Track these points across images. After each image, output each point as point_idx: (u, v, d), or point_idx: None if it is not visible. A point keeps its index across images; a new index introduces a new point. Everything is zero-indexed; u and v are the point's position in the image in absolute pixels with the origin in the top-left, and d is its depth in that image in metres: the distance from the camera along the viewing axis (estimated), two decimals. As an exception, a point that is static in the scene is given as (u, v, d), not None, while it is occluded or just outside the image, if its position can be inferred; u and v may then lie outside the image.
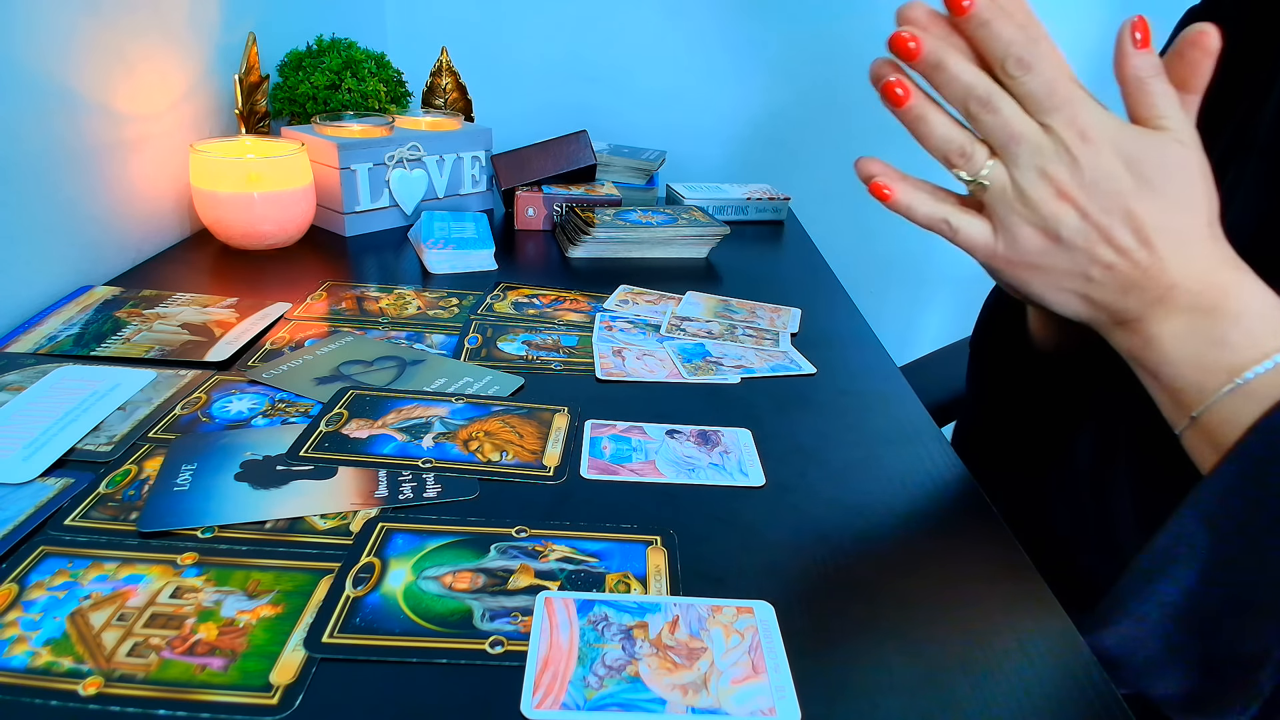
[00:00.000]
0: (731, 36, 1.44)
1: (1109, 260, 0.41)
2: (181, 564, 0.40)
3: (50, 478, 0.46)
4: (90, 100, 0.73)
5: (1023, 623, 0.41)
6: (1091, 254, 0.41)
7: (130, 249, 0.81)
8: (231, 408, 0.55)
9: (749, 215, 1.13)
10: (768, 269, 0.96)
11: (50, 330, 0.64)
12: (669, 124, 1.49)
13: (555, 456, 0.52)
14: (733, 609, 0.39)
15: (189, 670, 0.34)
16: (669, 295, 0.81)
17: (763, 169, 1.51)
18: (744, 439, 0.55)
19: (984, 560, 0.46)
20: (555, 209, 1.00)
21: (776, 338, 0.72)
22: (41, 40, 0.67)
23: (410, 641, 0.36)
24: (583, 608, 0.39)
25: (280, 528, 0.43)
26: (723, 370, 0.63)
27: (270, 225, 0.85)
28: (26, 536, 0.41)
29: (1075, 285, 0.43)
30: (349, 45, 1.05)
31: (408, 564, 0.41)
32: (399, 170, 0.95)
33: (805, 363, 0.67)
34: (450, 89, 1.16)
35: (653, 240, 0.92)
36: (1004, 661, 0.38)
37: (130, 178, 0.80)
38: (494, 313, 0.74)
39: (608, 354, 0.67)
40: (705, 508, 0.48)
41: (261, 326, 0.67)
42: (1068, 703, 0.36)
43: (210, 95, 0.93)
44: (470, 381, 0.61)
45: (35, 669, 0.34)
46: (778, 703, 0.34)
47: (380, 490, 0.47)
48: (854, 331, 0.77)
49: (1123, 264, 0.41)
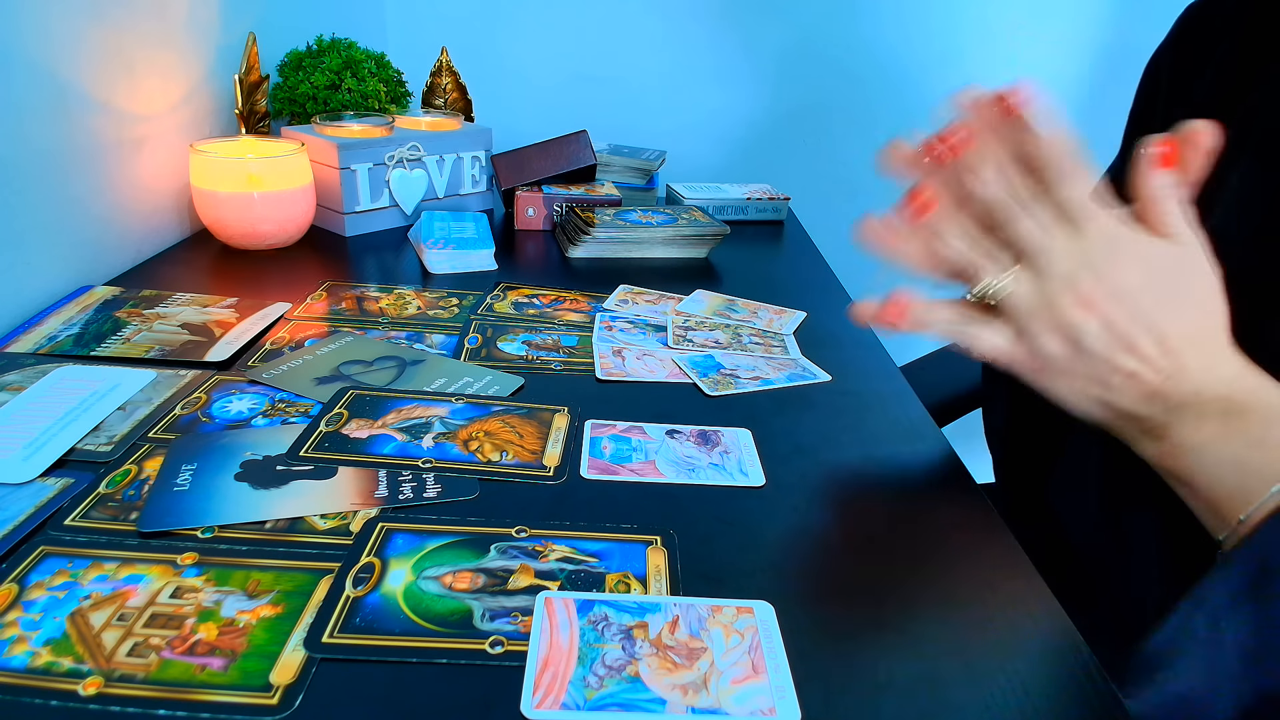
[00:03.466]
0: (732, 36, 1.44)
1: (1131, 368, 0.41)
2: (181, 564, 0.40)
3: (50, 478, 0.46)
4: (90, 100, 0.73)
5: (1023, 623, 0.41)
6: (1113, 362, 0.41)
7: (130, 249, 0.81)
8: (231, 408, 0.55)
9: (749, 215, 1.13)
10: (768, 269, 0.96)
11: (50, 330, 0.64)
12: (669, 124, 1.49)
13: (555, 456, 0.52)
14: (733, 609, 0.39)
15: (189, 670, 0.34)
16: (669, 295, 0.81)
17: (763, 169, 1.51)
18: (744, 439, 0.55)
19: (984, 560, 0.46)
20: (555, 209, 1.00)
21: (783, 343, 0.72)
22: (43, 41, 0.67)
23: (410, 641, 0.36)
24: (583, 608, 0.39)
25: (280, 528, 0.43)
26: (741, 383, 0.63)
27: (270, 225, 0.85)
28: (26, 536, 0.41)
29: (1097, 391, 0.43)
30: (349, 45, 1.05)
31: (408, 564, 0.41)
32: (399, 170, 0.95)
33: (819, 371, 0.66)
34: (450, 89, 1.16)
35: (653, 240, 0.92)
36: (1004, 662, 0.38)
37: (130, 178, 0.80)
38: (494, 313, 0.74)
39: (608, 354, 0.67)
40: (705, 508, 0.48)
41: (261, 326, 0.67)
42: (1068, 703, 0.36)
43: (210, 95, 0.93)
44: (470, 381, 0.61)
45: (35, 669, 0.34)
46: (778, 703, 0.34)
47: (380, 490, 0.47)
48: (854, 332, 0.76)
49: (1145, 371, 0.41)
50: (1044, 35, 1.44)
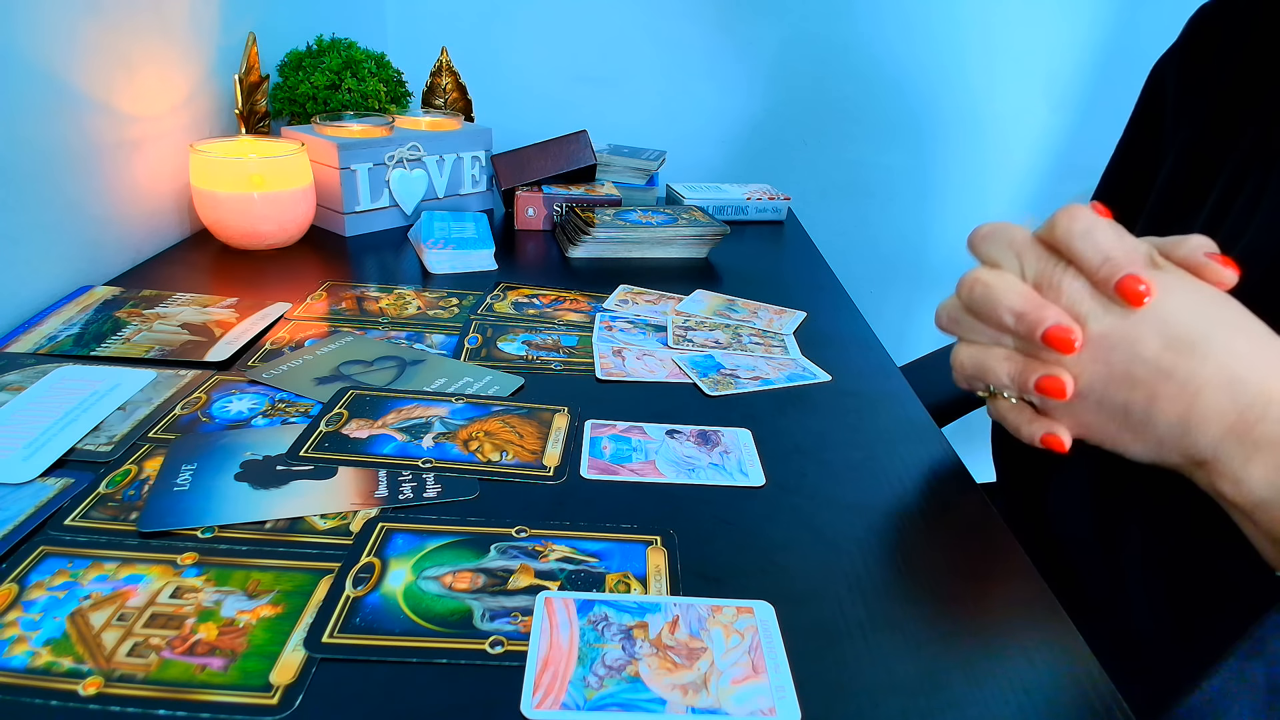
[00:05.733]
0: (732, 36, 1.44)
1: None
2: (181, 564, 0.40)
3: (50, 478, 0.46)
4: (90, 100, 0.73)
5: (1023, 623, 0.41)
6: None
7: (130, 249, 0.81)
8: (231, 408, 0.55)
9: (749, 215, 1.13)
10: (768, 269, 0.96)
11: (50, 330, 0.64)
12: (669, 124, 1.49)
13: (555, 456, 0.52)
14: (733, 609, 0.39)
15: (189, 670, 0.34)
16: (669, 295, 0.81)
17: (763, 169, 1.51)
18: (744, 439, 0.55)
19: (984, 560, 0.46)
20: (555, 209, 1.00)
21: (783, 343, 0.72)
22: (44, 41, 0.67)
23: (410, 641, 0.36)
24: (583, 608, 0.39)
25: (280, 528, 0.43)
26: (741, 383, 0.62)
27: (270, 225, 0.85)
28: (26, 536, 0.41)
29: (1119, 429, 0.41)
30: (349, 45, 1.05)
31: (408, 564, 0.41)
32: (399, 170, 0.95)
33: (819, 371, 0.66)
34: (450, 89, 1.16)
35: (653, 240, 0.92)
36: (1004, 661, 0.38)
37: (130, 178, 0.80)
38: (494, 313, 0.74)
39: (608, 354, 0.67)
40: (705, 508, 0.48)
41: (261, 326, 0.67)
42: (1068, 703, 0.36)
43: (210, 95, 0.93)
44: (470, 381, 0.61)
45: (35, 669, 0.34)
46: (778, 703, 0.34)
47: (380, 490, 0.47)
48: (854, 331, 0.77)
49: None
50: (1044, 34, 1.44)
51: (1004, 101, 1.49)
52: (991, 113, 1.50)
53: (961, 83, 1.48)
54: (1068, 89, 1.48)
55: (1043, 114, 1.51)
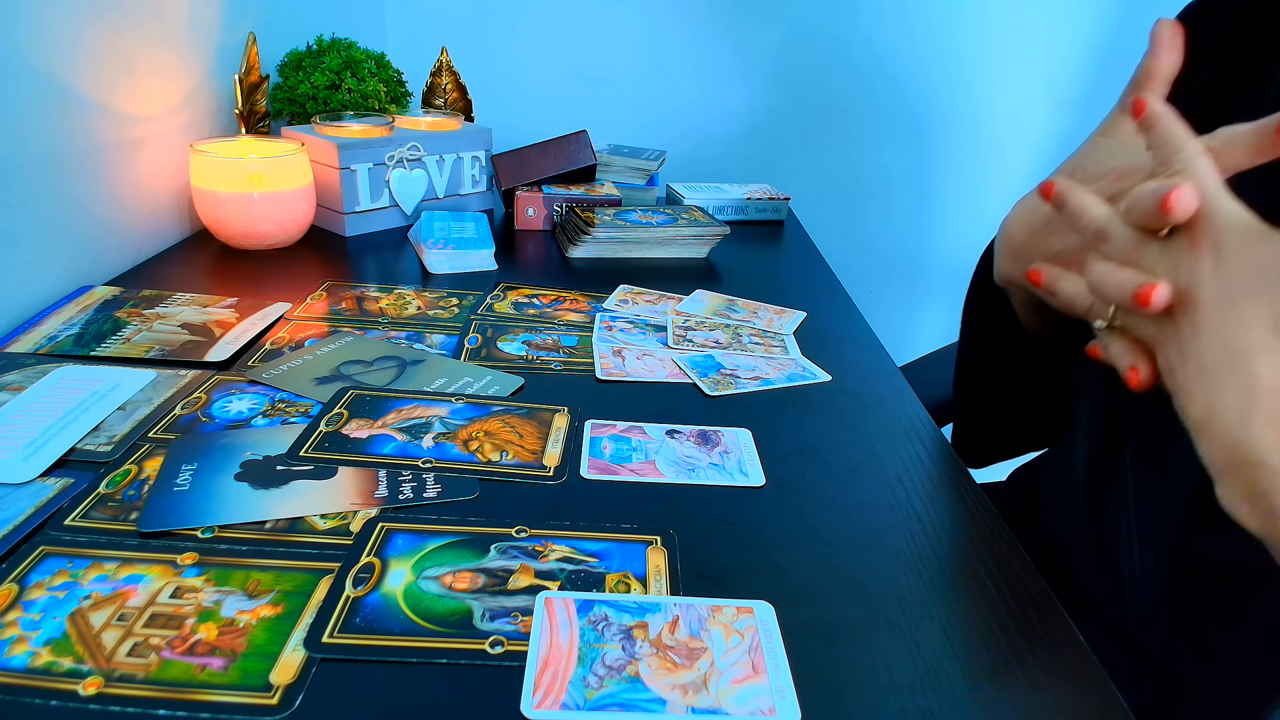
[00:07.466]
0: (731, 36, 1.44)
1: None
2: (181, 564, 0.40)
3: (50, 478, 0.46)
4: (90, 101, 0.73)
5: (1023, 622, 0.41)
6: None
7: (130, 249, 0.81)
8: (231, 408, 0.55)
9: (749, 215, 1.13)
10: (767, 269, 0.96)
11: (50, 330, 0.64)
12: (669, 124, 1.49)
13: (555, 456, 0.52)
14: (733, 609, 0.39)
15: (189, 670, 0.34)
16: (669, 295, 0.81)
17: (763, 169, 1.51)
18: (744, 439, 0.55)
19: (984, 560, 0.46)
20: (555, 209, 1.00)
21: (783, 343, 0.72)
22: (44, 42, 0.67)
23: (410, 641, 0.36)
24: (583, 608, 0.39)
25: (280, 528, 0.43)
26: (741, 383, 0.62)
27: (270, 225, 0.85)
28: (26, 536, 0.41)
29: None
30: (349, 45, 1.05)
31: (408, 564, 0.41)
32: (399, 170, 0.95)
33: (819, 371, 0.66)
34: (450, 89, 1.16)
35: (653, 240, 0.92)
36: (1004, 661, 0.38)
37: (130, 178, 0.80)
38: (494, 313, 0.74)
39: (608, 354, 0.67)
40: (705, 508, 0.48)
41: (261, 326, 0.67)
42: (1068, 702, 0.36)
43: (210, 95, 0.93)
44: (470, 381, 0.61)
45: (35, 669, 0.34)
46: (778, 703, 0.34)
47: (380, 490, 0.47)
48: (854, 331, 0.77)
49: None
50: (1044, 34, 1.44)
51: (1004, 101, 1.49)
52: (991, 113, 1.50)
53: (961, 83, 1.48)
54: (1068, 89, 1.48)
55: (1043, 114, 1.51)
